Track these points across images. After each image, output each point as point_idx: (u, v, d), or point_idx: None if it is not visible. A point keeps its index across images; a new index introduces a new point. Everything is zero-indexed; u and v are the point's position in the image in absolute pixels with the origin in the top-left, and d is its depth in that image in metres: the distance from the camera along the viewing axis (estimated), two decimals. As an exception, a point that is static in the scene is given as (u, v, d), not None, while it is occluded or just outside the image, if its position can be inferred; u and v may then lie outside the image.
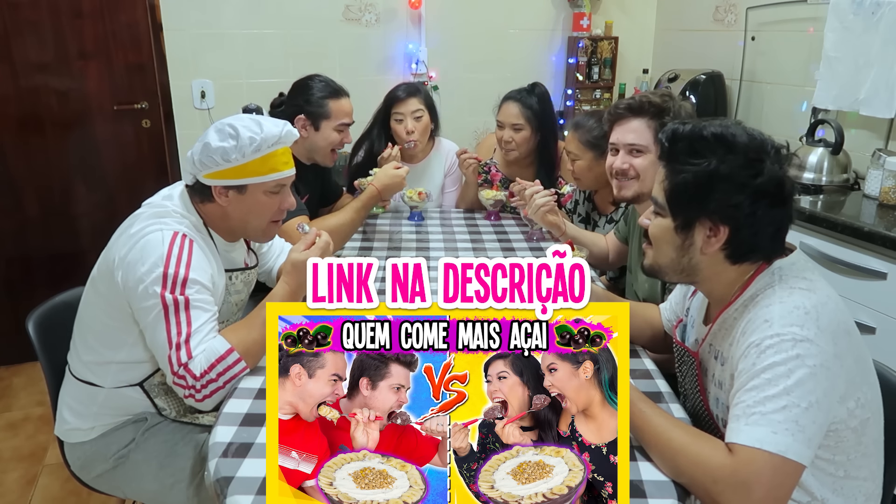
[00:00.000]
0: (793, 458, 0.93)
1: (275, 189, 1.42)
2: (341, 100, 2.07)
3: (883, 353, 1.80)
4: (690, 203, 1.08)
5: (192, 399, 1.26)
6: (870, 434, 1.08)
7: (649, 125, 1.62)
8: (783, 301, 1.02)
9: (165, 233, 1.31)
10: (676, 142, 1.09)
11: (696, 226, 1.08)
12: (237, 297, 1.52)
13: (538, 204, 1.92)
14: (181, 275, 1.27)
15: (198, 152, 1.35)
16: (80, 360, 1.42)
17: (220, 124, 1.36)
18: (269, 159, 1.37)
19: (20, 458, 2.38)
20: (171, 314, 1.26)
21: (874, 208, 2.16)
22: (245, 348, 1.29)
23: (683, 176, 1.07)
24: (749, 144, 1.05)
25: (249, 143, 1.33)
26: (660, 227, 1.14)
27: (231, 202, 1.39)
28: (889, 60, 2.31)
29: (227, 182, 1.36)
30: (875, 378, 1.11)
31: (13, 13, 2.70)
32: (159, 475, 1.39)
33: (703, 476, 0.96)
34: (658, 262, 1.16)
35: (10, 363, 3.00)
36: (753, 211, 1.04)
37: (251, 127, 1.35)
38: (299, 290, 1.36)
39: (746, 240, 1.07)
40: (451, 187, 2.62)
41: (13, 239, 2.91)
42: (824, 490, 1.06)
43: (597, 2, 3.59)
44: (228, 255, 1.48)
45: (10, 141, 2.81)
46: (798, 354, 0.96)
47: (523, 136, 2.39)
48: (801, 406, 0.94)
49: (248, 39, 3.12)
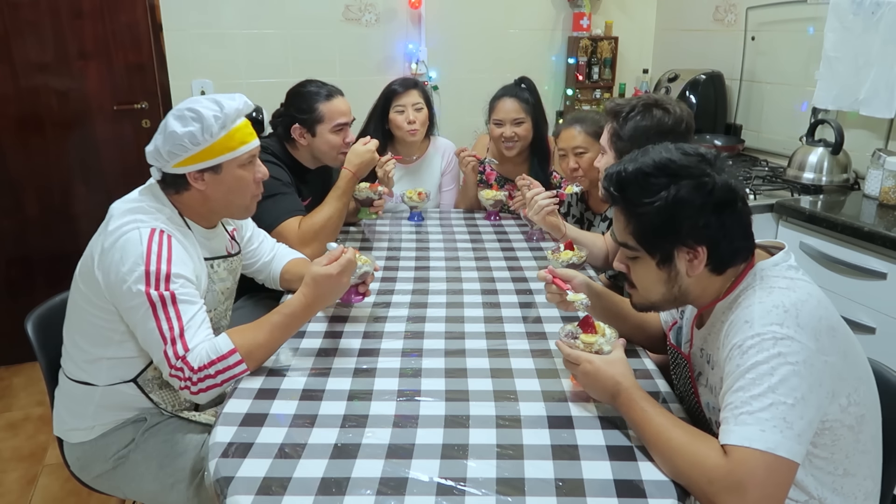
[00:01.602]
0: (784, 454, 0.93)
1: (248, 161, 1.43)
2: (333, 101, 2.03)
3: (883, 353, 1.80)
4: (663, 238, 1.10)
5: (188, 391, 1.27)
6: (867, 431, 1.08)
7: (609, 128, 1.75)
8: (762, 301, 1.03)
9: (143, 230, 1.30)
10: (625, 187, 1.11)
11: (676, 255, 1.11)
12: (222, 286, 1.52)
13: (540, 205, 1.93)
14: (163, 270, 1.27)
15: (162, 143, 1.34)
16: (71, 361, 1.42)
17: (178, 111, 1.36)
18: (235, 133, 1.38)
19: (20, 458, 2.38)
20: (159, 311, 1.26)
21: (874, 208, 2.16)
22: (248, 351, 1.29)
23: (646, 216, 1.09)
24: (690, 164, 1.08)
25: (215, 122, 1.34)
26: (641, 269, 1.16)
27: (209, 184, 1.39)
28: (889, 60, 2.31)
29: (201, 165, 1.36)
30: (869, 375, 1.11)
31: (13, 13, 2.70)
32: (159, 475, 1.39)
33: (698, 477, 0.96)
34: (650, 301, 1.18)
35: (10, 363, 3.00)
36: (722, 223, 1.07)
37: (210, 106, 1.35)
38: (315, 303, 1.36)
39: (724, 249, 1.10)
40: (448, 186, 2.63)
41: (13, 239, 2.91)
42: (823, 489, 1.07)
43: (597, 2, 3.59)
44: (208, 244, 1.48)
45: (10, 141, 2.81)
46: (780, 352, 0.97)
47: (525, 129, 2.44)
48: (787, 403, 0.95)
49: (248, 39, 3.12)
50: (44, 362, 1.52)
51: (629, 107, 1.70)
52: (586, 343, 1.20)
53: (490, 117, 2.49)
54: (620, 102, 1.74)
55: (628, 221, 1.13)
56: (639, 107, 1.69)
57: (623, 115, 1.70)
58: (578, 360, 1.16)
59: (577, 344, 1.20)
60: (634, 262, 1.16)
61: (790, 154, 2.60)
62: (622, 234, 1.15)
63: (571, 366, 1.19)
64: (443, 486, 0.99)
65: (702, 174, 1.07)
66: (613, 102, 1.76)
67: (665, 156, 1.10)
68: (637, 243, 1.12)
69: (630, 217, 1.12)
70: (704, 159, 1.09)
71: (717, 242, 1.08)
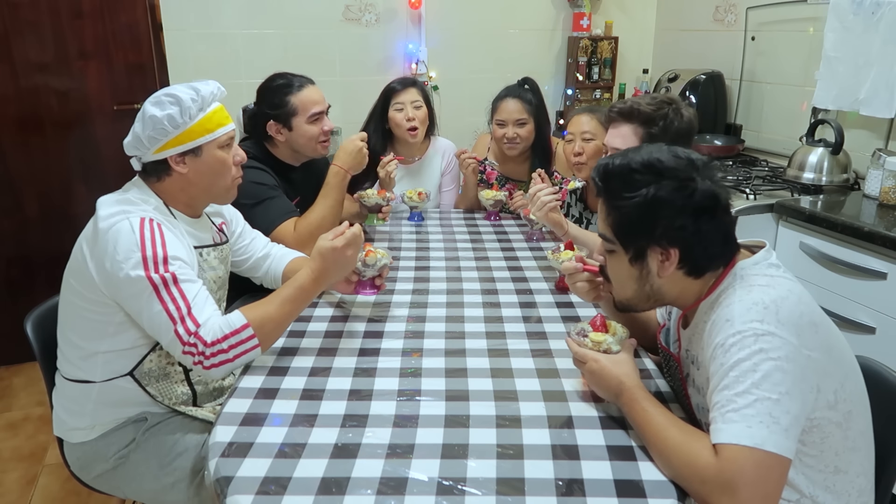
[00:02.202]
0: (772, 449, 0.93)
1: (227, 142, 1.46)
2: (303, 91, 1.99)
3: (883, 353, 1.80)
4: (638, 234, 1.11)
5: (200, 366, 1.27)
6: (855, 427, 1.08)
7: (636, 132, 1.71)
8: (742, 299, 1.04)
9: (133, 220, 1.31)
10: (609, 179, 1.13)
11: (648, 253, 1.12)
12: (213, 274, 1.53)
13: (543, 201, 1.93)
14: (160, 254, 1.28)
15: (142, 129, 1.36)
16: (67, 360, 1.42)
17: (155, 97, 1.38)
18: (213, 116, 1.41)
19: (20, 458, 2.38)
20: (162, 292, 1.27)
21: (874, 208, 2.16)
22: (260, 325, 1.30)
23: (625, 210, 1.11)
24: (677, 167, 1.09)
25: (192, 104, 1.37)
26: (615, 263, 1.18)
27: (190, 168, 1.41)
28: (889, 60, 2.31)
29: (182, 148, 1.38)
30: (856, 370, 1.11)
31: (13, 13, 2.70)
32: (160, 475, 1.39)
33: (692, 476, 0.97)
34: (625, 297, 1.20)
35: (10, 363, 3.00)
36: (698, 228, 1.08)
37: (187, 91, 1.38)
38: (322, 276, 1.39)
39: (699, 255, 1.10)
40: (448, 186, 2.63)
41: (13, 239, 2.92)
42: (815, 488, 1.07)
43: (597, 2, 3.59)
44: (195, 233, 1.49)
45: (10, 141, 2.81)
46: (761, 349, 0.98)
47: (528, 130, 2.44)
48: (771, 398, 0.95)
49: (248, 39, 3.12)
50: (43, 362, 1.52)
51: (660, 110, 1.68)
52: (595, 342, 1.20)
53: (492, 117, 2.49)
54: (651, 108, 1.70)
55: (608, 213, 1.15)
56: (671, 111, 1.68)
57: (662, 123, 1.67)
58: (585, 359, 1.17)
59: (585, 342, 1.21)
60: (610, 256, 1.18)
61: (790, 154, 2.60)
62: (602, 225, 1.17)
63: (579, 363, 1.19)
64: (443, 485, 0.99)
65: (686, 178, 1.08)
66: (632, 105, 1.72)
67: (655, 155, 1.11)
68: (613, 236, 1.15)
69: (610, 209, 1.14)
70: (692, 164, 1.10)
71: (690, 246, 1.09)
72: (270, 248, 1.78)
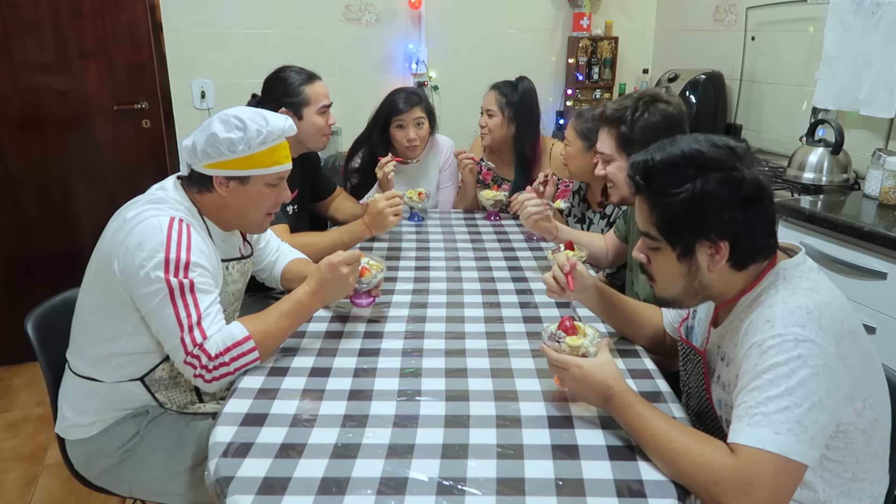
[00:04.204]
0: (795, 458, 0.92)
1: (275, 181, 1.44)
2: (316, 83, 2.09)
3: (883, 353, 1.79)
4: (686, 230, 1.08)
5: (201, 380, 1.27)
6: (879, 436, 1.08)
7: (610, 134, 1.72)
8: (785, 301, 1.02)
9: (162, 218, 1.31)
10: (652, 175, 1.09)
11: (697, 248, 1.08)
12: (234, 287, 1.53)
13: (529, 212, 1.94)
14: (183, 258, 1.28)
15: (202, 142, 1.35)
16: (79, 356, 1.42)
17: (225, 115, 1.36)
18: (273, 152, 1.39)
19: (20, 458, 2.38)
20: (177, 297, 1.27)
21: (874, 208, 2.16)
22: (260, 338, 1.31)
23: (671, 206, 1.07)
24: (719, 157, 1.05)
25: (257, 136, 1.35)
26: (662, 261, 1.13)
27: (231, 192, 1.40)
28: (889, 60, 2.31)
29: (231, 172, 1.37)
30: (883, 379, 1.11)
31: (13, 13, 2.70)
32: (169, 463, 1.39)
33: (704, 477, 0.95)
34: (671, 294, 1.16)
35: (10, 363, 3.00)
36: (747, 219, 1.05)
37: (257, 119, 1.36)
38: (319, 291, 1.40)
39: (747, 246, 1.07)
40: (446, 183, 2.63)
41: (13, 239, 2.91)
42: (831, 491, 1.06)
43: (597, 2, 3.59)
44: (224, 245, 1.49)
45: (10, 141, 2.81)
46: (800, 355, 0.96)
47: (494, 123, 2.49)
48: (803, 406, 0.94)
49: (248, 39, 3.12)
50: (44, 362, 1.52)
51: (630, 108, 1.66)
52: (572, 347, 1.18)
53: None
54: (615, 107, 1.70)
55: (652, 211, 1.10)
56: (640, 105, 1.66)
57: (629, 119, 1.66)
58: (567, 365, 1.14)
59: (562, 347, 1.19)
60: (655, 254, 1.14)
61: (790, 154, 2.60)
62: (644, 223, 1.13)
63: (558, 370, 1.17)
64: (443, 485, 0.99)
65: (731, 168, 1.04)
66: (606, 109, 1.72)
67: (694, 147, 1.07)
68: (659, 234, 1.10)
69: (654, 207, 1.10)
70: (734, 153, 1.06)
71: (740, 238, 1.06)
72: (280, 248, 1.78)
